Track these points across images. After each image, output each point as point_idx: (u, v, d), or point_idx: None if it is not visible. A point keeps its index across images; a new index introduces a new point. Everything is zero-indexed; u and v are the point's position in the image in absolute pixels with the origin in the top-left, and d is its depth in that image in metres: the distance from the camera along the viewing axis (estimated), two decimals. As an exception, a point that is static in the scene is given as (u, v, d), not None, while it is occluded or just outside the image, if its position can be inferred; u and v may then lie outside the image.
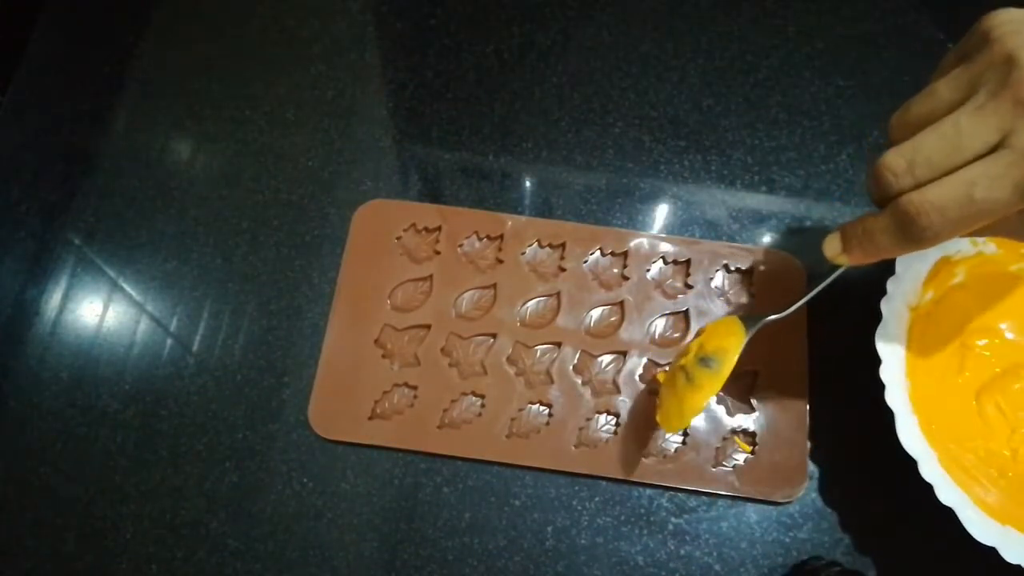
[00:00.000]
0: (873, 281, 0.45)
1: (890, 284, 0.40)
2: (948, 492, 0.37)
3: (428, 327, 0.44)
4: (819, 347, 0.43)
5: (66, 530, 0.41)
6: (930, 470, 0.37)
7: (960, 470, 0.39)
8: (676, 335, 0.44)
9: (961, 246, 0.42)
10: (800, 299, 0.38)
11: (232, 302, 0.45)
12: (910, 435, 0.38)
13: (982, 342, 0.42)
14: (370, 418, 0.42)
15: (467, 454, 0.41)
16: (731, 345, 0.37)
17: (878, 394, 0.38)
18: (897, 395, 0.38)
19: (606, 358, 0.43)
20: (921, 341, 0.41)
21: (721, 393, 0.43)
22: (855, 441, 0.42)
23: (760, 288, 0.44)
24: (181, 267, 0.46)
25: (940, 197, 0.28)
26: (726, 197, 0.47)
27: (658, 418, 0.39)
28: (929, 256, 0.41)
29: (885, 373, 0.38)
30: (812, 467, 0.41)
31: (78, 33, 0.52)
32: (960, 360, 0.41)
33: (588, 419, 0.42)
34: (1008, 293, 0.42)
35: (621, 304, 0.44)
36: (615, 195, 0.47)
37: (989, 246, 0.42)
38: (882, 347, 0.39)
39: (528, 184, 0.48)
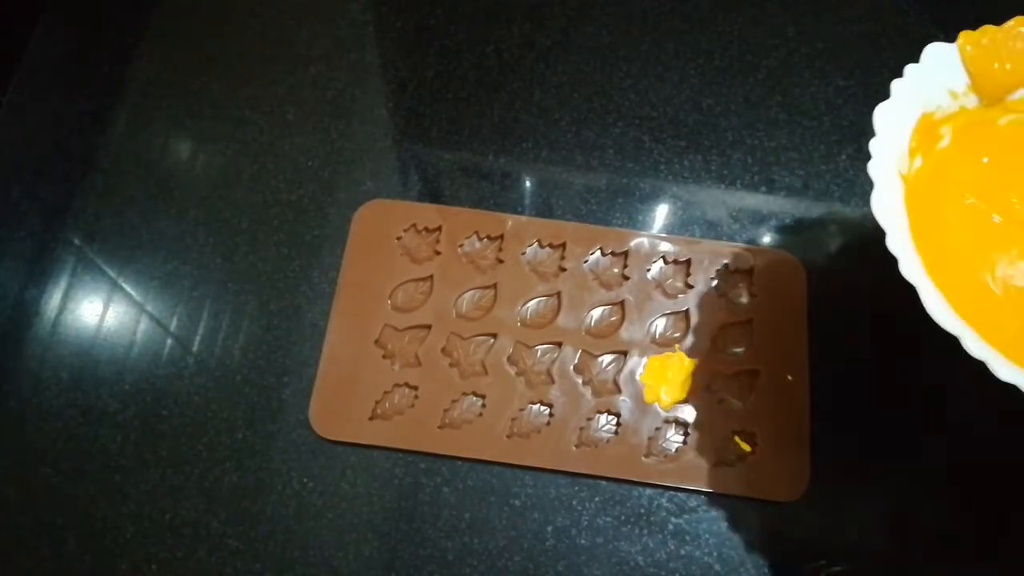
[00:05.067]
0: (874, 281, 0.45)
1: (874, 146, 0.36)
2: (1006, 369, 0.32)
3: (428, 327, 0.44)
4: (819, 347, 0.43)
5: (66, 530, 0.41)
6: (977, 346, 0.32)
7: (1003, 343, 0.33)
8: (676, 335, 0.44)
9: (940, 101, 0.38)
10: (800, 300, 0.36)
11: (232, 302, 0.45)
12: (940, 309, 0.33)
13: (986, 206, 0.37)
14: (370, 418, 0.42)
15: (467, 454, 0.41)
16: None
17: (879, 393, 0.39)
18: (914, 267, 0.33)
19: (607, 358, 0.43)
20: (921, 212, 0.36)
21: (721, 393, 0.43)
22: (855, 440, 0.42)
23: (760, 288, 0.44)
24: (181, 267, 0.46)
25: None
26: (726, 197, 0.47)
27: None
28: (907, 115, 0.38)
29: (893, 244, 0.33)
30: (812, 467, 0.41)
31: (78, 33, 0.52)
32: (969, 226, 0.37)
33: (589, 419, 0.42)
34: (1003, 152, 0.38)
35: (622, 304, 0.44)
36: (615, 195, 0.47)
37: (970, 98, 0.38)
38: (883, 217, 0.34)
39: (528, 184, 0.48)
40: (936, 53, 0.38)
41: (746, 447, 0.41)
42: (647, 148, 0.49)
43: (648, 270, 0.45)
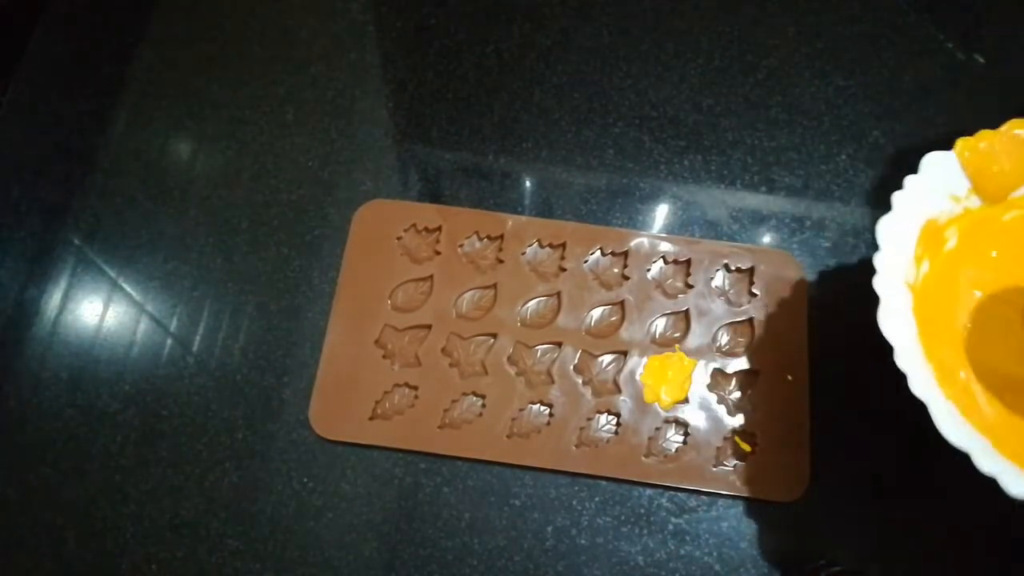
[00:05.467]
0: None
1: (878, 260, 0.36)
2: (1016, 485, 0.32)
3: (428, 327, 0.44)
4: (819, 346, 0.43)
5: (66, 530, 0.41)
6: (989, 461, 0.33)
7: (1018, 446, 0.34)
8: (676, 335, 0.44)
9: (943, 206, 0.38)
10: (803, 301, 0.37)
11: (232, 302, 0.45)
12: (950, 426, 0.33)
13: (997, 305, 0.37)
14: (370, 418, 0.42)
15: (467, 454, 0.41)
16: None
17: (879, 393, 0.38)
18: (923, 382, 0.34)
19: (607, 358, 0.43)
20: (930, 319, 0.36)
21: (721, 393, 0.43)
22: (856, 440, 0.42)
23: (760, 288, 0.44)
24: (181, 267, 0.46)
25: None
26: (726, 197, 0.47)
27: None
28: (911, 225, 0.38)
29: (902, 361, 0.34)
30: (812, 467, 0.41)
31: (78, 33, 0.52)
32: (981, 329, 0.37)
33: (589, 419, 0.42)
34: (1010, 246, 0.39)
35: (622, 304, 0.44)
36: (615, 195, 0.47)
37: (972, 200, 0.39)
38: (890, 332, 0.34)
39: (528, 184, 0.48)
40: (935, 162, 0.38)
41: (746, 447, 0.41)
42: (647, 148, 0.49)
43: (648, 270, 0.45)
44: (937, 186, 0.38)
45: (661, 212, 0.47)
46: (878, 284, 0.35)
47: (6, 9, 0.51)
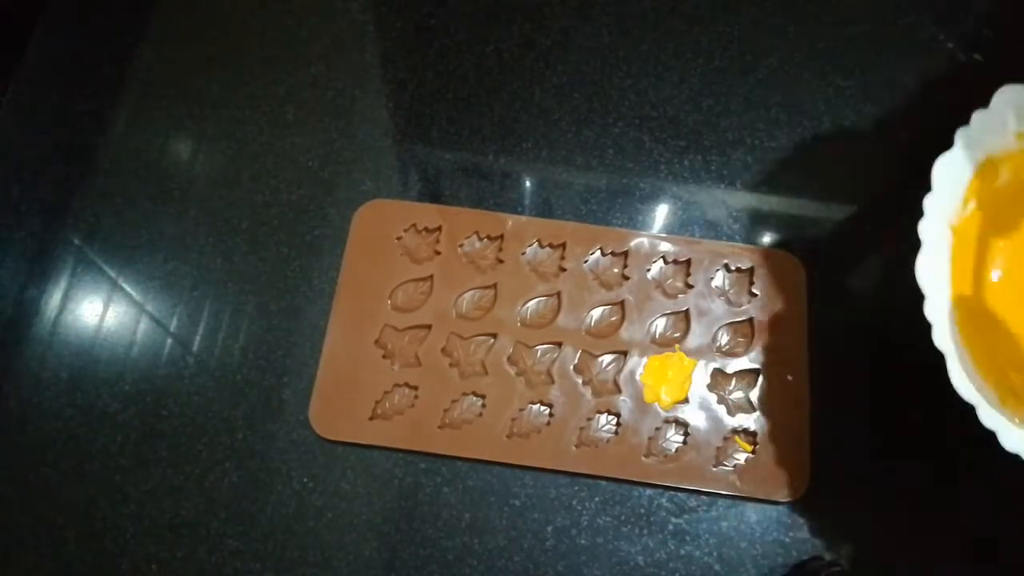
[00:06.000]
0: (874, 281, 0.45)
1: (927, 201, 0.35)
2: (1011, 439, 0.33)
3: (428, 327, 0.44)
4: (820, 346, 0.43)
5: (66, 530, 0.41)
6: (990, 416, 0.33)
7: None
8: (676, 335, 0.44)
9: (1007, 141, 0.37)
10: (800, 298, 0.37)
11: (232, 302, 0.45)
12: (961, 380, 0.33)
13: None
14: (370, 418, 0.42)
15: (467, 454, 0.41)
16: None
17: (879, 393, 0.38)
18: (945, 335, 0.33)
19: (607, 358, 0.43)
20: (966, 261, 0.36)
21: (721, 393, 0.43)
22: (856, 440, 0.42)
23: (760, 288, 0.44)
24: (181, 267, 0.46)
25: None
26: (726, 197, 0.47)
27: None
28: (968, 164, 0.36)
29: (930, 311, 0.33)
30: (812, 467, 0.41)
31: (78, 33, 0.52)
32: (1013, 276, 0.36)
33: (589, 419, 0.42)
34: None
35: (622, 304, 0.44)
36: (615, 195, 0.47)
37: None
38: (924, 279, 0.34)
39: (528, 184, 0.48)
40: (1007, 95, 0.37)
41: (746, 447, 0.41)
42: (647, 148, 0.49)
43: (648, 270, 0.45)
44: (1005, 121, 0.37)
45: (661, 212, 0.47)
46: (924, 229, 0.34)
47: (6, 9, 0.51)
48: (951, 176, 0.36)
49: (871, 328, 0.44)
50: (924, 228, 0.35)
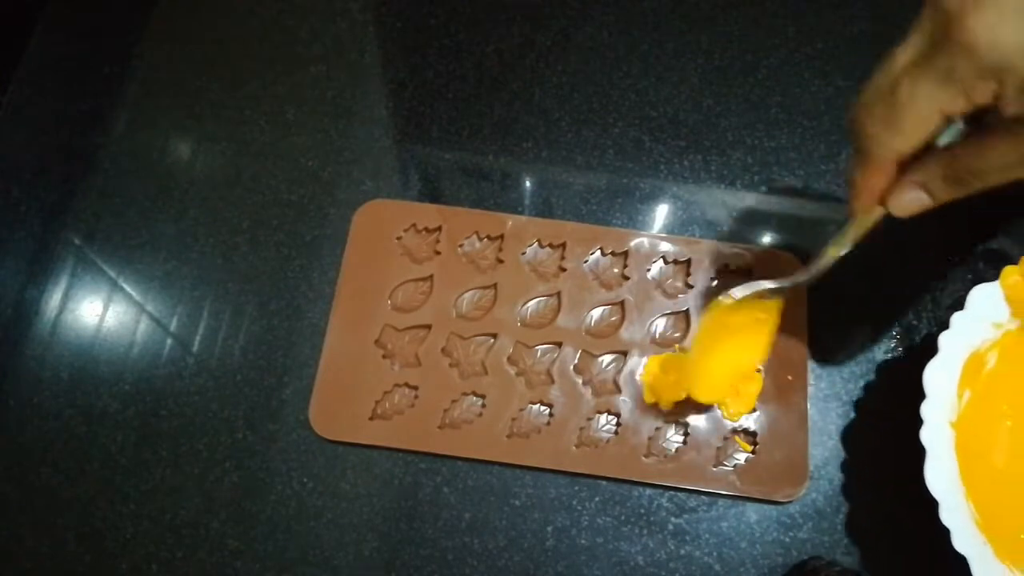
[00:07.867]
0: (873, 282, 0.45)
1: (924, 409, 0.37)
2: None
3: (428, 327, 0.44)
4: (819, 347, 0.43)
5: (66, 530, 0.41)
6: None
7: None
8: (677, 335, 0.44)
9: (985, 334, 0.39)
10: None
11: (232, 302, 0.45)
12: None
13: None
14: (370, 418, 0.42)
15: (467, 454, 0.41)
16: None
17: (879, 393, 0.38)
18: (967, 539, 0.36)
19: (607, 358, 0.43)
20: (970, 453, 0.38)
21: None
22: (855, 441, 0.42)
23: (760, 288, 0.44)
24: (181, 267, 0.46)
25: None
26: (726, 197, 0.47)
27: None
28: (956, 363, 0.38)
29: (947, 517, 0.35)
30: (812, 467, 0.41)
31: (78, 33, 0.52)
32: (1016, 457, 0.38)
33: (589, 419, 0.42)
34: None
35: (622, 304, 0.44)
36: (615, 195, 0.47)
37: (1013, 323, 0.39)
38: (936, 486, 0.36)
39: (528, 184, 0.48)
40: (981, 295, 0.39)
41: (746, 447, 0.41)
42: (647, 148, 0.49)
43: (648, 270, 0.45)
44: (982, 317, 0.39)
45: (661, 212, 0.47)
46: (926, 437, 0.36)
47: (6, 9, 0.51)
48: (942, 380, 0.38)
49: (871, 328, 0.44)
50: (925, 436, 0.36)
